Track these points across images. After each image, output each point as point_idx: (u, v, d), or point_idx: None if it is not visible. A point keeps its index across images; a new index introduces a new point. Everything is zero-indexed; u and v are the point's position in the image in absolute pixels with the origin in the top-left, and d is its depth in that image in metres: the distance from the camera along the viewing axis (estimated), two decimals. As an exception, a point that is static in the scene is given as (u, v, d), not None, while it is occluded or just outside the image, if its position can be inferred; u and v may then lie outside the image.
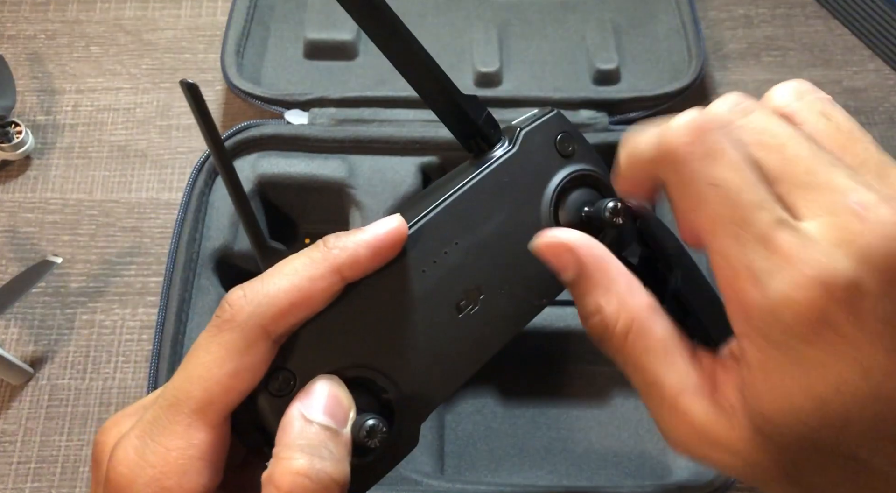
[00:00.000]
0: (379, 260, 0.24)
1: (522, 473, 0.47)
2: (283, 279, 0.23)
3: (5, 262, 0.53)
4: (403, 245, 0.25)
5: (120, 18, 0.63)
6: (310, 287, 0.23)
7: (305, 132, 0.52)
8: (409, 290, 0.26)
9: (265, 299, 0.23)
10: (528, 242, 0.26)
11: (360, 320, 0.25)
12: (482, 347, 0.27)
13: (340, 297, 0.24)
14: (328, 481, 0.22)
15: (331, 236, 0.24)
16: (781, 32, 0.62)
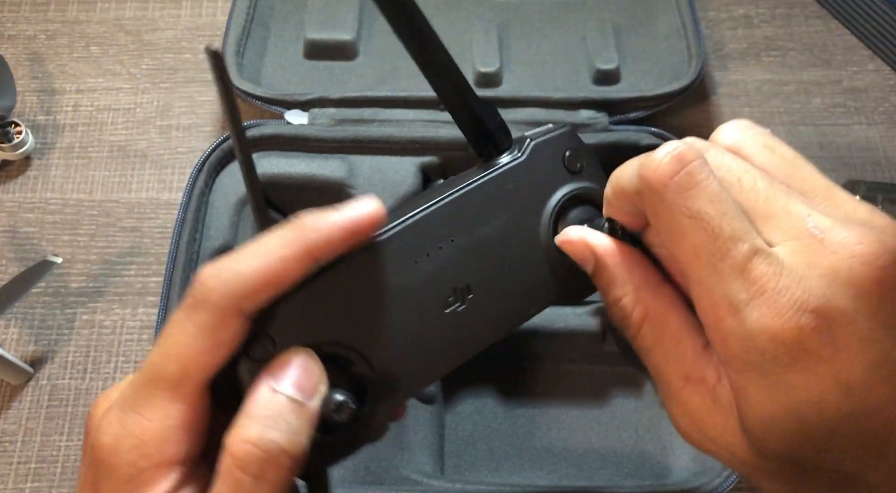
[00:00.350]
0: (353, 242, 0.25)
1: (522, 473, 0.47)
2: (254, 259, 0.24)
3: (5, 262, 0.53)
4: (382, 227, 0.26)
5: (120, 18, 0.63)
6: (282, 267, 0.24)
7: (305, 132, 0.52)
8: (399, 277, 0.26)
9: (237, 278, 0.23)
10: (525, 250, 0.27)
11: (347, 297, 0.25)
12: (464, 345, 0.27)
13: (329, 271, 0.25)
14: (278, 452, 0.22)
15: (307, 215, 0.25)
16: (781, 32, 0.62)
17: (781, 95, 0.59)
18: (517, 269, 0.27)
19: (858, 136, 0.58)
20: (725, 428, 0.23)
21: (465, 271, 0.27)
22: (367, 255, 0.26)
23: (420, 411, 0.46)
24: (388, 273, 0.26)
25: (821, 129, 0.58)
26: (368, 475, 0.43)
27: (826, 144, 0.58)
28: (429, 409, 0.47)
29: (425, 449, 0.45)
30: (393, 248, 0.26)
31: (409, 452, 0.45)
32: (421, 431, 0.46)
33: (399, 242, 0.26)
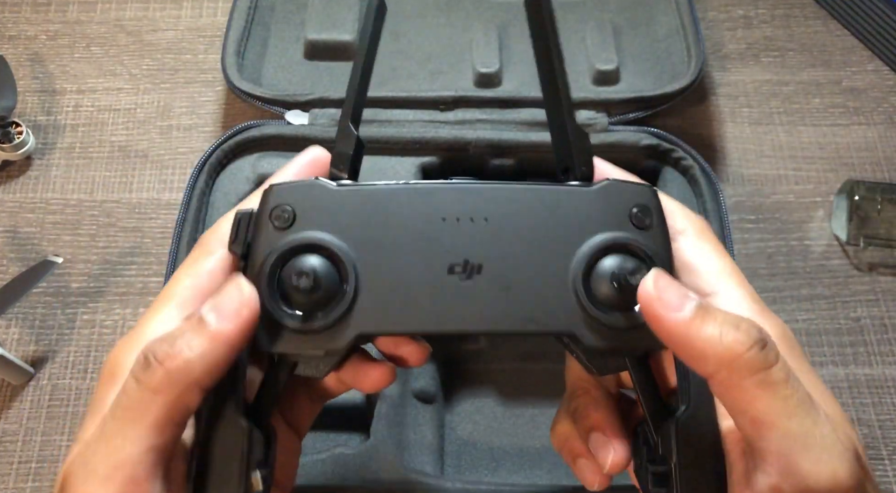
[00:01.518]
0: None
1: (522, 473, 0.47)
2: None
3: (6, 262, 0.53)
4: None
5: (121, 19, 0.63)
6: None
7: (306, 132, 0.52)
8: (422, 222, 0.27)
9: (218, 225, 0.29)
10: (550, 269, 0.27)
11: (367, 210, 0.27)
12: (448, 316, 0.27)
13: (360, 190, 0.27)
14: (155, 363, 0.24)
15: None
16: (781, 33, 0.62)
17: (781, 95, 0.60)
18: (535, 281, 0.27)
19: (857, 136, 0.58)
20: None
21: (482, 253, 0.27)
22: (408, 191, 0.27)
23: (420, 411, 0.46)
24: (416, 214, 0.27)
25: (820, 129, 0.58)
26: (368, 475, 0.43)
27: (825, 145, 0.58)
28: (429, 409, 0.47)
29: (425, 449, 0.45)
30: (433, 197, 0.27)
31: (409, 452, 0.45)
32: (421, 431, 0.46)
33: (441, 194, 0.27)
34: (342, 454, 0.44)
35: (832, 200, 0.55)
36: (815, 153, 0.57)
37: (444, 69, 0.57)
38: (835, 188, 0.56)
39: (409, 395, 0.46)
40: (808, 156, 0.57)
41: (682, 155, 0.51)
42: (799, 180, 0.56)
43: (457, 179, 0.28)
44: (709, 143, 0.57)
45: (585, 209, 0.27)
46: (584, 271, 0.27)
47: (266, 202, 0.27)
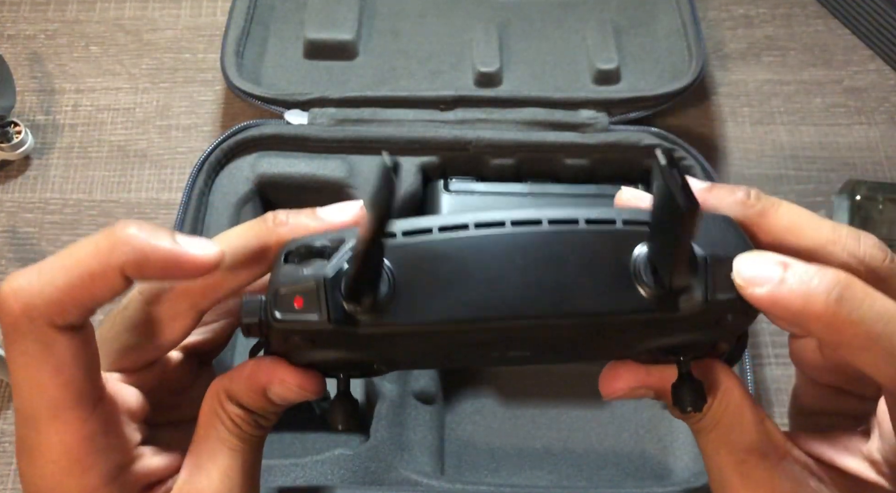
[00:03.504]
0: (174, 277, 0.23)
1: (522, 473, 0.47)
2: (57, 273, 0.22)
3: (5, 262, 0.53)
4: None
5: (119, 18, 0.63)
6: (89, 284, 0.22)
7: (305, 132, 0.52)
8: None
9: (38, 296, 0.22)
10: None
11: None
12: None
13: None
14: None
15: (131, 225, 0.23)
16: (782, 32, 0.62)
17: (782, 94, 0.59)
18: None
19: (859, 136, 0.58)
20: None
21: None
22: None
23: (420, 411, 0.46)
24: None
25: (821, 129, 0.58)
26: (368, 476, 0.43)
27: (826, 144, 0.57)
28: (429, 409, 0.47)
29: (425, 449, 0.45)
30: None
31: (409, 452, 0.45)
32: (421, 431, 0.46)
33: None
34: (342, 454, 0.43)
35: (833, 200, 0.55)
36: (817, 153, 0.57)
37: (444, 69, 0.57)
38: (836, 188, 0.55)
39: (409, 395, 0.46)
40: (809, 156, 0.57)
41: (683, 155, 0.51)
42: (800, 180, 0.56)
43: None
44: (710, 142, 0.57)
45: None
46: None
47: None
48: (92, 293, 0.22)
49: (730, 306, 0.23)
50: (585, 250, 0.23)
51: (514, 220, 0.23)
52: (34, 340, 0.22)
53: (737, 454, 0.24)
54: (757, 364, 0.50)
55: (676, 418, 0.26)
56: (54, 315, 0.22)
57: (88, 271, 0.22)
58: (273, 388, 0.25)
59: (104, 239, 0.22)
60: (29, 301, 0.22)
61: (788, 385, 0.31)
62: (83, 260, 0.22)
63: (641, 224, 0.23)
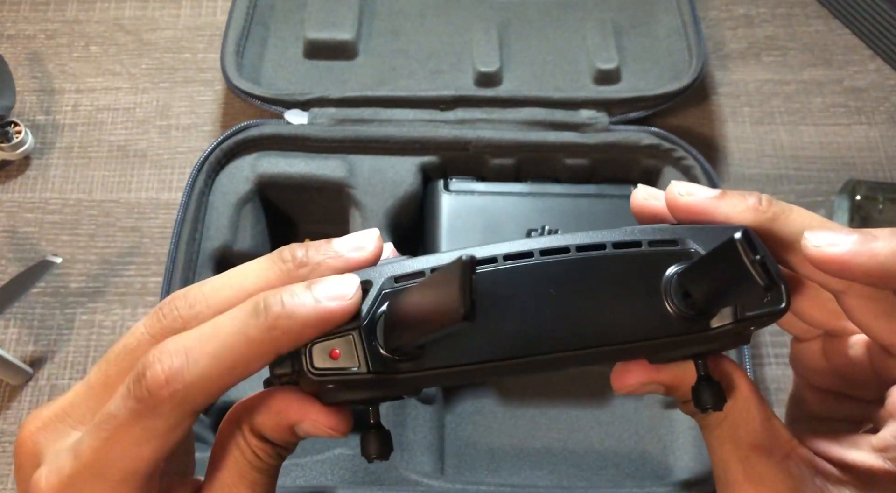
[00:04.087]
0: (322, 332, 0.22)
1: (522, 473, 0.47)
2: (214, 362, 0.21)
3: (5, 262, 0.53)
4: None
5: (119, 18, 0.63)
6: (241, 371, 0.22)
7: (305, 132, 0.52)
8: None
9: (194, 386, 0.21)
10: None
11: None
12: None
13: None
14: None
15: (271, 296, 0.22)
16: (782, 32, 0.62)
17: (782, 94, 0.59)
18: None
19: (859, 135, 0.58)
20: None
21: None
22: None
23: (420, 411, 0.46)
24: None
25: (821, 129, 0.58)
26: (368, 476, 0.43)
27: (827, 144, 0.57)
28: (429, 409, 0.46)
29: (425, 450, 0.45)
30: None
31: (409, 452, 0.45)
32: (421, 431, 0.46)
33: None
34: (342, 454, 0.43)
35: (833, 200, 0.55)
36: (817, 153, 0.57)
37: (444, 68, 0.57)
38: (836, 188, 0.55)
39: (409, 395, 0.46)
40: (809, 155, 0.57)
41: (683, 155, 0.51)
42: (800, 180, 0.56)
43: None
44: (710, 142, 0.57)
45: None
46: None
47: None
48: (241, 378, 0.22)
49: (757, 321, 0.23)
50: (616, 276, 0.23)
51: (543, 249, 0.23)
52: (166, 421, 0.22)
53: (742, 450, 0.24)
54: (757, 364, 0.50)
55: (687, 413, 0.26)
56: (199, 403, 0.22)
57: (243, 361, 0.21)
58: (303, 426, 0.24)
59: (253, 322, 0.21)
60: (179, 389, 0.21)
61: (788, 385, 0.31)
62: (235, 349, 0.21)
63: (666, 243, 0.24)
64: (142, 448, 0.22)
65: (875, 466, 0.24)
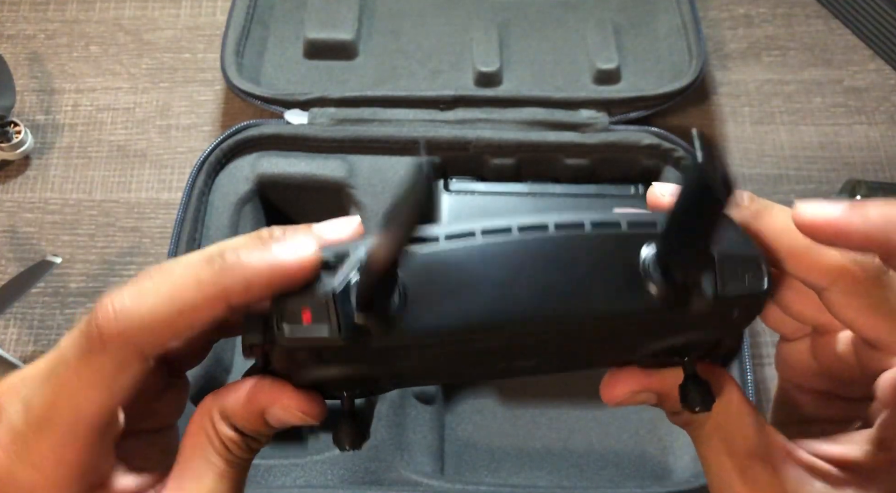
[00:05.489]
0: (276, 288, 0.22)
1: (522, 473, 0.47)
2: (160, 301, 0.21)
3: (5, 262, 0.53)
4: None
5: (119, 18, 0.63)
6: (189, 313, 0.21)
7: (305, 132, 0.52)
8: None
9: (139, 323, 0.21)
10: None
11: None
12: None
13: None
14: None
15: (228, 248, 0.22)
16: (782, 32, 0.62)
17: (782, 94, 0.59)
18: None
19: (859, 135, 0.58)
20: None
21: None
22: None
23: (420, 411, 0.46)
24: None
25: (821, 128, 0.58)
26: (368, 476, 0.43)
27: (827, 144, 0.57)
28: (429, 409, 0.46)
29: (425, 450, 0.45)
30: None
31: (409, 452, 0.44)
32: (421, 431, 0.46)
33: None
34: (342, 454, 0.43)
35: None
36: (817, 153, 0.57)
37: (444, 68, 0.57)
38: (836, 188, 0.55)
39: (409, 395, 0.46)
40: (809, 156, 0.57)
41: (683, 155, 0.51)
42: (800, 180, 0.56)
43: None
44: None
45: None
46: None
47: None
48: (189, 323, 0.21)
49: (738, 301, 0.23)
50: (593, 253, 0.23)
51: (521, 225, 0.23)
52: (113, 362, 0.21)
53: (738, 459, 0.24)
54: (757, 364, 0.50)
55: (678, 425, 0.26)
56: (148, 345, 0.21)
57: (191, 302, 0.21)
58: (273, 411, 0.23)
59: (204, 267, 0.21)
60: (129, 326, 0.21)
61: (789, 385, 0.31)
62: (183, 291, 0.21)
63: (646, 225, 0.23)
64: (89, 393, 0.21)
65: (874, 459, 0.24)
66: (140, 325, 0.21)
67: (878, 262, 0.22)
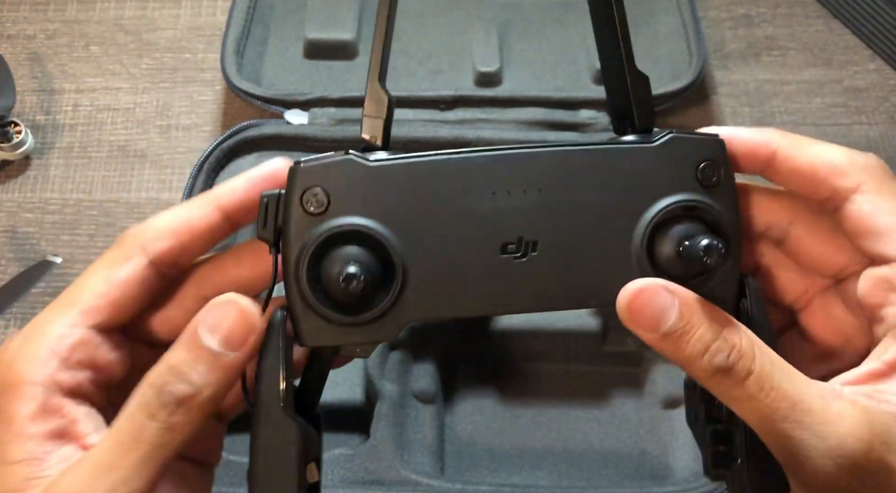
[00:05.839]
0: (256, 189, 0.26)
1: (522, 473, 0.47)
2: (167, 213, 0.27)
3: (5, 262, 0.53)
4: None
5: (119, 18, 0.63)
6: (187, 216, 0.26)
7: (305, 132, 0.52)
8: (471, 199, 0.25)
9: (146, 225, 0.26)
10: (611, 238, 0.25)
11: (413, 189, 0.25)
12: (503, 298, 0.25)
13: (408, 159, 0.25)
14: (173, 402, 0.23)
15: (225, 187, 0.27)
16: (782, 32, 0.62)
17: (782, 94, 0.59)
18: (595, 251, 0.25)
19: (859, 136, 0.58)
20: None
21: (538, 227, 0.25)
22: (452, 163, 0.25)
23: (420, 411, 0.46)
24: (462, 189, 0.25)
25: (821, 129, 0.58)
26: (368, 476, 0.43)
27: (826, 144, 0.57)
28: (429, 409, 0.47)
29: (425, 449, 0.45)
30: (479, 168, 0.25)
31: (409, 452, 0.45)
32: (421, 431, 0.46)
33: (488, 165, 0.25)
34: (342, 454, 0.43)
35: (833, 199, 0.55)
36: (817, 153, 0.57)
37: (444, 68, 0.57)
38: (836, 188, 0.55)
39: (409, 395, 0.46)
40: (809, 155, 0.57)
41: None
42: (800, 180, 0.56)
43: (506, 145, 0.26)
44: (710, 142, 0.57)
45: (647, 169, 0.25)
46: (648, 239, 0.25)
47: (294, 184, 0.25)
48: (189, 225, 0.26)
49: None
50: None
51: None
52: (119, 251, 0.26)
53: (816, 402, 0.23)
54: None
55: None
56: (151, 241, 0.26)
57: (188, 208, 0.27)
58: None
59: (204, 193, 0.27)
60: (139, 229, 0.27)
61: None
62: (185, 204, 0.27)
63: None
64: (92, 275, 0.26)
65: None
66: (146, 226, 0.26)
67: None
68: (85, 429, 0.24)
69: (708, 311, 0.24)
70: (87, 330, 0.25)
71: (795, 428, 0.23)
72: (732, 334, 0.24)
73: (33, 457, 0.23)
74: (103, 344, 0.26)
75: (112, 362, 0.26)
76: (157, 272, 0.27)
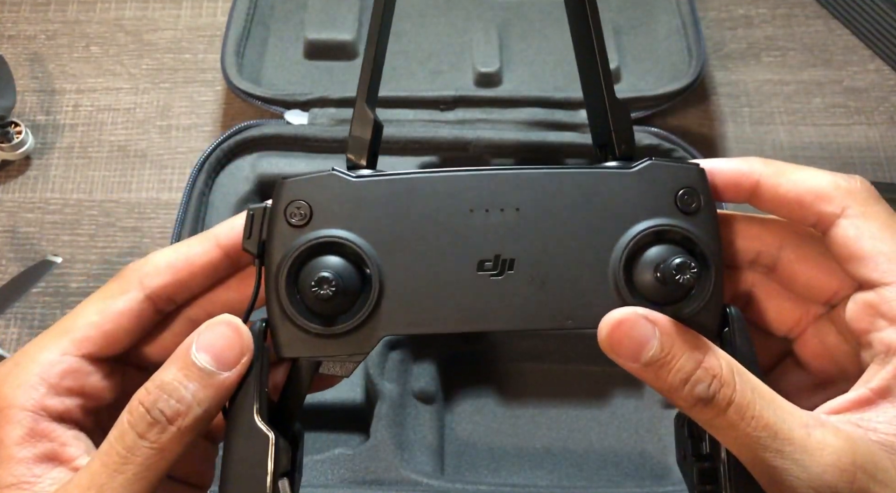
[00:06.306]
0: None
1: (522, 473, 0.47)
2: (169, 248, 0.27)
3: (5, 262, 0.53)
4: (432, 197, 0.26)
5: (120, 19, 0.63)
6: (187, 252, 0.27)
7: (305, 132, 0.52)
8: (448, 216, 0.25)
9: (147, 260, 0.27)
10: (589, 260, 0.25)
11: (392, 204, 0.25)
12: (477, 315, 0.25)
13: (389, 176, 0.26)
14: (164, 421, 0.23)
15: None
16: (781, 32, 0.62)
17: (781, 95, 0.59)
18: (572, 273, 0.25)
19: (859, 136, 0.58)
20: None
21: (515, 246, 0.25)
22: (433, 181, 0.26)
23: (420, 411, 0.46)
24: (442, 206, 0.25)
25: (821, 129, 0.58)
26: (368, 476, 0.43)
27: (826, 145, 0.57)
28: (429, 409, 0.47)
29: (425, 449, 0.45)
30: (460, 186, 0.26)
31: (409, 452, 0.45)
32: (421, 431, 0.46)
33: (468, 184, 0.26)
34: (342, 454, 0.43)
35: (833, 199, 0.55)
36: (817, 153, 0.57)
37: (444, 69, 0.57)
38: (836, 188, 0.55)
39: (409, 395, 0.46)
40: (809, 156, 0.57)
41: (683, 155, 0.51)
42: (800, 180, 0.56)
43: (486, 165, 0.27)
44: (709, 142, 0.57)
45: (626, 194, 0.26)
46: (625, 263, 0.25)
47: (280, 197, 0.26)
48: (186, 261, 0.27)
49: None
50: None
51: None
52: (116, 284, 0.26)
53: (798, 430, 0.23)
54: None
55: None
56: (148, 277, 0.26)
57: (186, 244, 0.27)
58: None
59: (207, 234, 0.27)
60: (138, 264, 0.27)
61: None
62: (185, 242, 0.27)
63: None
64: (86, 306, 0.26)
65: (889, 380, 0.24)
66: (146, 263, 0.27)
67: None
68: (74, 452, 0.25)
69: (689, 339, 0.24)
70: (77, 358, 0.25)
71: (777, 458, 0.22)
72: (713, 362, 0.23)
73: (23, 480, 0.23)
74: (94, 373, 0.26)
75: (102, 389, 0.26)
76: (153, 307, 0.27)
